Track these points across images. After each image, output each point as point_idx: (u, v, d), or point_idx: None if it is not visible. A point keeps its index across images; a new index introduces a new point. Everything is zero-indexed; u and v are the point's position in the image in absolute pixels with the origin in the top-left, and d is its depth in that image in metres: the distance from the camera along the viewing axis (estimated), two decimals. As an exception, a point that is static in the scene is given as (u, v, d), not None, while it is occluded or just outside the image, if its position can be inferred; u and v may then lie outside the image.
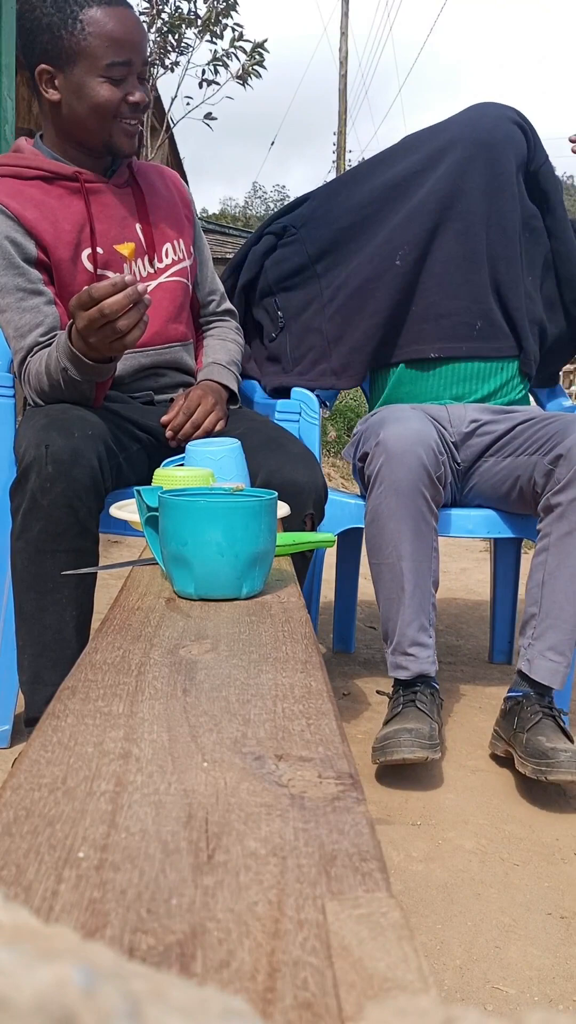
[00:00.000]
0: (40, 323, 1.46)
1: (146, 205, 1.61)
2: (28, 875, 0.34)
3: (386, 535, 1.55)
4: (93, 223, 1.52)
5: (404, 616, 1.56)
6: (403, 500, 1.52)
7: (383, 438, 1.54)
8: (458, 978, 1.02)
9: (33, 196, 1.49)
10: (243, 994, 0.27)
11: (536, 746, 1.43)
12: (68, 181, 1.52)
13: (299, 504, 1.37)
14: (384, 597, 1.58)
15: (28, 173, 1.51)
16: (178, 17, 5.97)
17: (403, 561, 1.54)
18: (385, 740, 1.47)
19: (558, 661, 1.52)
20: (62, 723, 0.50)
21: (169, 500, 0.83)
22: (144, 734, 0.49)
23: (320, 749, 0.47)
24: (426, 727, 1.47)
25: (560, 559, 1.51)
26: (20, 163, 1.52)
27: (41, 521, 1.25)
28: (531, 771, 1.41)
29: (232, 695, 0.56)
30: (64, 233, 1.50)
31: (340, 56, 14.86)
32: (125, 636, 0.70)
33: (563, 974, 1.04)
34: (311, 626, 0.75)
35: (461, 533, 1.81)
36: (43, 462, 1.24)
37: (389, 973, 0.28)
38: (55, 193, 1.51)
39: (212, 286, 1.79)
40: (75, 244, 1.51)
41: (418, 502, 1.53)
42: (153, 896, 0.33)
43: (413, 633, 1.56)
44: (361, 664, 2.18)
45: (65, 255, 1.50)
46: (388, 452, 1.53)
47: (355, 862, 0.36)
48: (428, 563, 1.56)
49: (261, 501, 0.84)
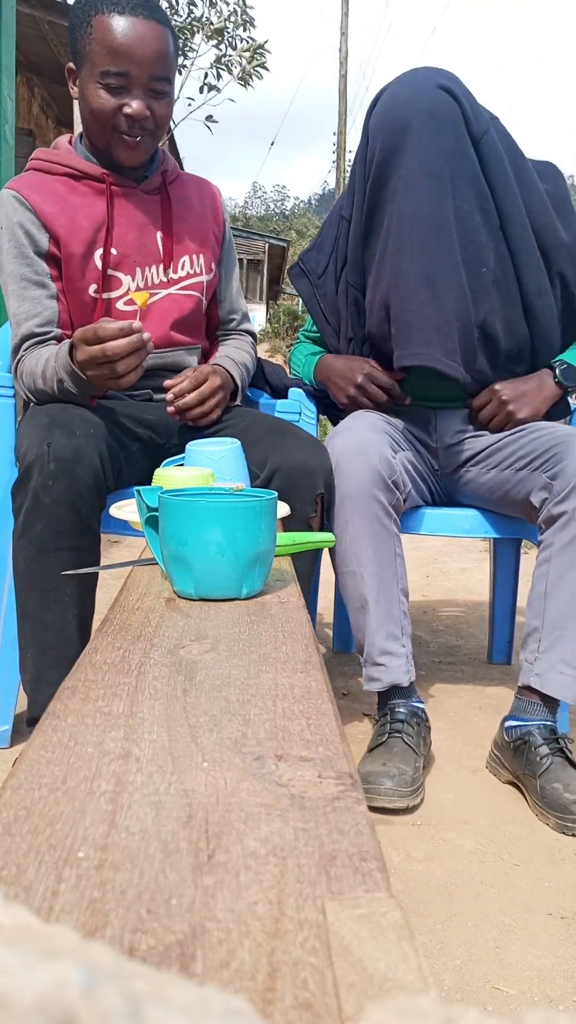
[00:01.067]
0: (37, 314, 1.48)
1: (171, 215, 1.61)
2: (28, 875, 0.34)
3: (344, 544, 1.52)
4: (112, 224, 1.53)
5: (370, 625, 1.53)
6: (357, 507, 1.50)
7: (331, 449, 1.54)
8: (458, 978, 1.02)
9: (56, 191, 1.51)
10: (243, 994, 0.27)
11: (555, 798, 1.39)
12: (95, 181, 1.53)
13: (311, 485, 1.39)
14: (351, 608, 1.56)
15: (57, 169, 1.53)
16: (191, 25, 6.00)
17: (364, 568, 1.51)
18: (367, 782, 1.42)
19: (570, 675, 1.48)
20: (62, 723, 0.50)
21: (169, 500, 0.83)
22: (144, 734, 0.49)
23: (320, 749, 0.48)
24: (409, 770, 1.43)
25: (564, 569, 1.48)
26: (52, 159, 1.54)
27: (43, 519, 1.25)
28: (554, 825, 1.38)
29: (232, 695, 0.56)
30: (80, 230, 1.51)
31: (340, 56, 14.85)
32: (125, 636, 0.70)
33: (563, 974, 1.04)
34: (311, 626, 0.75)
35: (459, 533, 1.81)
36: (45, 460, 1.24)
37: (389, 973, 0.28)
38: (80, 191, 1.53)
39: (235, 305, 1.78)
40: (89, 242, 1.51)
41: (372, 507, 1.50)
42: (153, 896, 0.33)
43: (381, 642, 1.53)
44: (361, 664, 2.18)
45: (77, 251, 1.51)
46: (337, 462, 1.51)
47: (355, 862, 0.36)
48: (392, 568, 1.54)
49: (261, 501, 0.84)
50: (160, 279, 1.60)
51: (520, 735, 1.51)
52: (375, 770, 1.43)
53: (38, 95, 8.11)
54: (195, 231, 1.65)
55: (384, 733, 1.52)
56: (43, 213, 1.49)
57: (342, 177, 13.88)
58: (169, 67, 1.45)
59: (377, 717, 1.58)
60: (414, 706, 1.57)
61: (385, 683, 1.54)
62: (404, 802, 1.40)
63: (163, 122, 1.49)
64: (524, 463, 1.61)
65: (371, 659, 1.55)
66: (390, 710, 1.56)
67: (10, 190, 1.50)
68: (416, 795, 1.43)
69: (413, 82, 1.60)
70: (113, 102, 1.43)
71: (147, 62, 1.41)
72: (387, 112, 1.60)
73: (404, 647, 1.55)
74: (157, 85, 1.44)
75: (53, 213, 1.49)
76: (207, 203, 1.69)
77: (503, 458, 1.67)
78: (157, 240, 1.59)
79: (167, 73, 1.45)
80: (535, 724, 1.50)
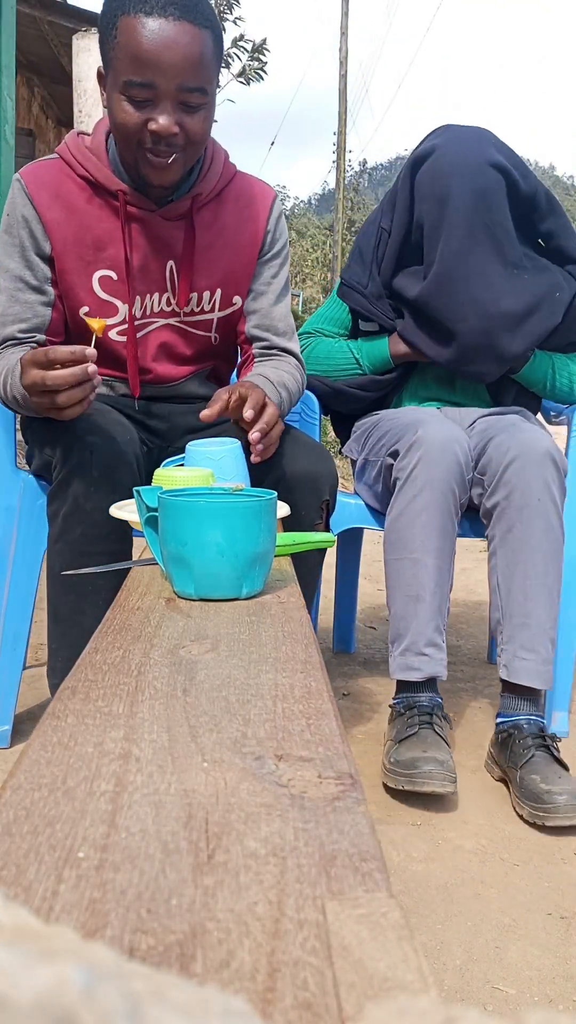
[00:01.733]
0: (25, 319, 1.41)
1: (193, 246, 1.44)
2: (28, 875, 0.34)
3: (415, 529, 1.52)
4: (122, 247, 1.40)
5: (424, 613, 1.52)
6: (437, 496, 1.51)
7: (422, 435, 1.54)
8: (458, 978, 1.02)
9: (70, 193, 1.40)
10: (243, 994, 0.27)
11: (531, 788, 1.39)
12: (111, 197, 1.40)
13: (317, 491, 1.37)
14: (402, 595, 1.54)
15: (80, 170, 1.40)
16: None
17: (429, 556, 1.52)
18: (412, 768, 1.41)
19: (532, 658, 1.49)
20: (62, 723, 0.50)
21: (169, 500, 0.83)
22: (144, 734, 0.49)
23: (320, 749, 0.47)
24: (448, 759, 1.43)
25: (508, 558, 1.52)
26: (78, 156, 1.40)
27: (83, 524, 1.24)
28: (528, 815, 1.38)
29: (232, 695, 0.56)
30: (81, 246, 1.40)
31: (340, 56, 14.85)
32: (125, 636, 0.70)
33: (563, 974, 1.04)
34: (311, 626, 0.75)
35: (460, 532, 1.81)
36: (88, 467, 1.22)
37: (389, 973, 0.28)
38: (97, 202, 1.40)
39: (267, 321, 1.54)
40: (88, 261, 1.41)
41: (449, 500, 1.53)
42: (153, 896, 0.33)
43: (431, 632, 1.52)
44: (361, 664, 2.18)
45: (71, 267, 1.41)
46: (427, 449, 1.52)
47: (355, 862, 0.36)
48: (449, 564, 1.55)
49: (261, 501, 0.84)
50: (161, 308, 1.47)
51: (506, 728, 1.53)
52: (418, 756, 1.42)
53: (38, 95, 8.11)
54: (218, 264, 1.47)
55: (414, 724, 1.51)
56: (46, 218, 1.39)
57: (342, 177, 13.90)
58: (205, 75, 1.26)
59: (401, 709, 1.57)
60: (437, 700, 1.57)
61: (426, 673, 1.53)
62: (453, 787, 1.40)
63: (199, 138, 1.30)
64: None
65: (416, 648, 1.53)
66: (417, 702, 1.55)
67: (22, 180, 1.39)
68: (455, 783, 1.43)
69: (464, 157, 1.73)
70: (138, 116, 1.26)
71: (176, 71, 1.23)
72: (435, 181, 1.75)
73: (444, 642, 1.57)
74: (190, 97, 1.26)
75: (57, 221, 1.39)
76: (248, 224, 1.49)
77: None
78: (168, 269, 1.45)
79: (201, 82, 1.25)
80: (522, 719, 1.51)
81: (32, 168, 1.41)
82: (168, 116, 1.25)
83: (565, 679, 1.74)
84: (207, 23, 1.25)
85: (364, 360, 1.87)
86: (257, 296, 1.53)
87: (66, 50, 6.69)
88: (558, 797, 1.35)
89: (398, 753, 1.46)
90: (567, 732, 1.76)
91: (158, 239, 1.43)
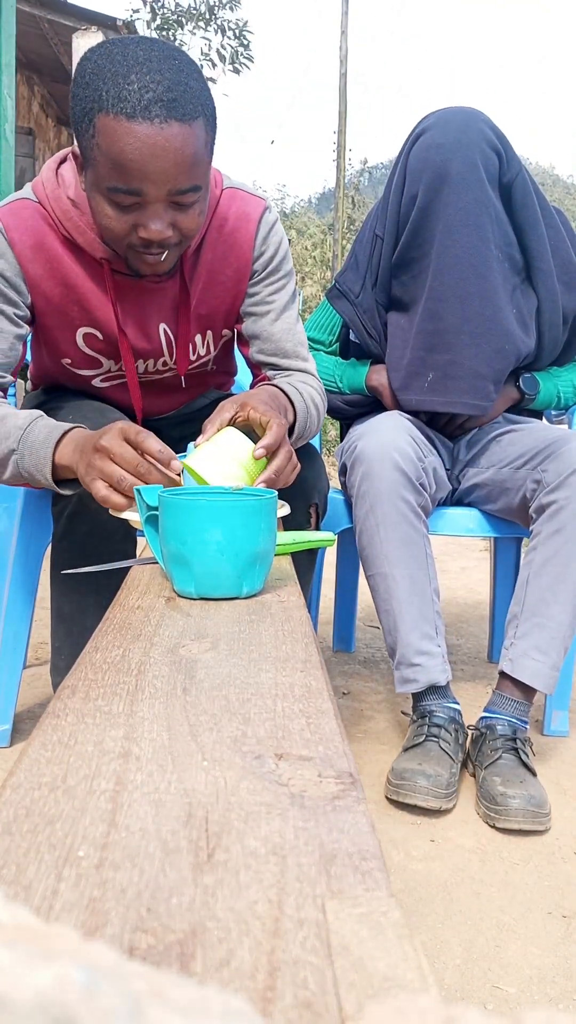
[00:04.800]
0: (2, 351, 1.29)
1: (188, 303, 1.34)
2: (28, 874, 0.34)
3: (376, 546, 1.52)
4: (116, 312, 1.30)
5: (404, 625, 1.51)
6: (388, 509, 1.50)
7: (359, 450, 1.54)
8: (458, 977, 1.02)
9: (52, 248, 1.27)
10: (243, 993, 0.27)
11: (489, 789, 1.39)
12: (95, 261, 1.28)
13: (305, 495, 1.35)
14: (383, 610, 1.54)
15: (60, 230, 1.27)
16: (176, 17, 5.98)
17: (396, 568, 1.51)
18: (402, 778, 1.41)
19: (542, 661, 1.48)
20: (62, 722, 0.50)
21: (169, 499, 0.83)
22: (144, 733, 0.49)
23: (320, 748, 0.47)
24: (445, 773, 1.42)
25: (547, 556, 1.49)
26: (55, 210, 1.26)
27: (88, 524, 1.23)
28: (482, 815, 1.38)
29: (232, 694, 0.56)
30: (68, 303, 1.30)
31: (340, 55, 14.86)
32: (125, 635, 0.70)
33: (563, 974, 1.04)
34: (311, 625, 0.75)
35: (461, 532, 1.81)
36: None
37: (389, 972, 0.28)
38: (81, 260, 1.28)
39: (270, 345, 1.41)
40: (75, 318, 1.32)
41: (401, 508, 1.51)
42: (153, 895, 0.33)
43: (416, 641, 1.51)
44: (361, 663, 2.19)
45: (55, 323, 1.33)
46: (365, 463, 1.52)
47: (355, 861, 0.36)
48: (424, 569, 1.53)
49: (261, 500, 0.84)
50: (157, 368, 1.42)
51: (480, 727, 1.52)
52: (410, 768, 1.42)
53: (38, 93, 8.11)
54: (210, 306, 1.38)
55: (421, 735, 1.49)
56: (28, 272, 1.27)
57: (342, 176, 13.89)
58: (198, 173, 1.12)
59: (414, 717, 1.55)
60: (451, 708, 1.54)
61: (422, 683, 1.51)
62: (438, 803, 1.38)
63: (194, 232, 1.18)
64: (522, 461, 1.63)
65: (406, 660, 1.52)
66: (429, 713, 1.52)
67: (1, 224, 1.26)
68: (451, 799, 1.41)
69: (458, 130, 1.65)
70: (124, 221, 1.13)
71: (167, 178, 1.09)
72: (430, 157, 1.67)
73: (439, 647, 1.53)
74: (183, 198, 1.12)
75: (40, 276, 1.28)
76: (232, 253, 1.35)
77: (500, 457, 1.69)
78: (160, 331, 1.36)
79: (195, 182, 1.12)
80: (500, 719, 1.51)
81: (11, 209, 1.27)
82: (160, 221, 1.12)
83: (565, 679, 1.75)
84: (197, 111, 1.09)
85: (344, 385, 1.87)
86: (257, 319, 1.41)
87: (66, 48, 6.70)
88: (512, 801, 1.35)
89: (398, 761, 1.46)
90: (567, 732, 1.76)
91: (149, 304, 1.34)
